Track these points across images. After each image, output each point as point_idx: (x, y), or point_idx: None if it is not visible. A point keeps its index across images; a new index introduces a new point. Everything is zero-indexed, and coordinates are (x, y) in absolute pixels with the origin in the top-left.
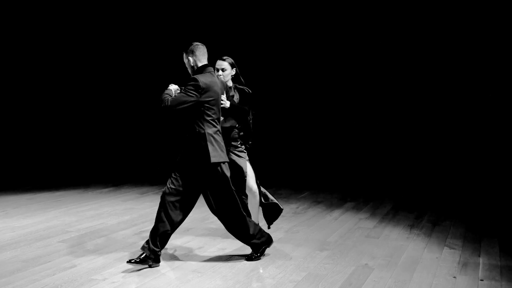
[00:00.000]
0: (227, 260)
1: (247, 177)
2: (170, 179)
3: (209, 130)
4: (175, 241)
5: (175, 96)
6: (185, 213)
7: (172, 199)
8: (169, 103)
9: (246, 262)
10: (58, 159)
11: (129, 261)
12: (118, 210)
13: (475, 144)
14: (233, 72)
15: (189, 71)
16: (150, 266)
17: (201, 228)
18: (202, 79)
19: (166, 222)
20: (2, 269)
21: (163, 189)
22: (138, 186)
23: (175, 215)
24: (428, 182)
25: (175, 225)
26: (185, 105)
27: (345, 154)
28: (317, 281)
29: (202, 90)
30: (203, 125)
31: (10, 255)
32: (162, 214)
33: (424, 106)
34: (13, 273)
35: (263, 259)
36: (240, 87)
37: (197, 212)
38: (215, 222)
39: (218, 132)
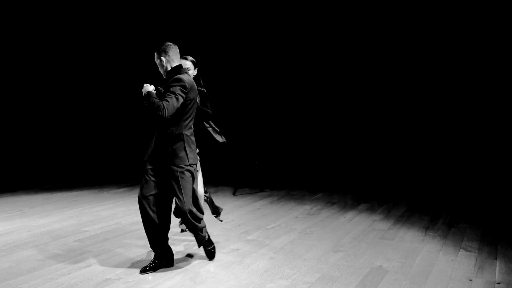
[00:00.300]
0: (241, 261)
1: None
2: (145, 181)
3: (186, 131)
4: (189, 242)
5: (167, 101)
6: (168, 212)
7: (151, 201)
8: (167, 111)
9: (260, 263)
10: (74, 159)
11: (143, 271)
12: (133, 210)
13: (492, 145)
14: (195, 72)
15: (161, 71)
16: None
17: (214, 229)
18: (185, 78)
19: (155, 226)
20: (19, 267)
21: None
22: None
23: (159, 216)
24: (443, 183)
25: (165, 225)
26: (177, 108)
27: (359, 155)
28: (331, 282)
29: (187, 90)
30: (180, 126)
31: (27, 254)
32: (148, 220)
33: (439, 107)
34: (29, 272)
35: (277, 260)
36: (199, 88)
37: (209, 213)
38: (229, 223)
39: (193, 133)
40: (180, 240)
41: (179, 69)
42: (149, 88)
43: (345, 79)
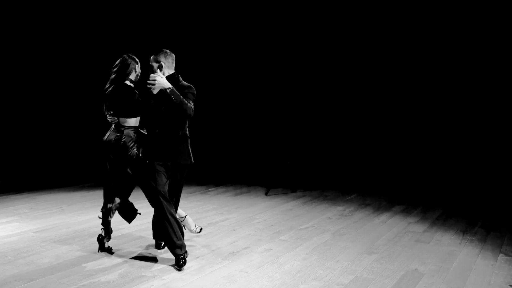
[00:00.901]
0: (274, 261)
1: None
2: (156, 178)
3: (188, 133)
4: (222, 241)
5: (190, 103)
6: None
7: (166, 194)
8: (192, 112)
9: (293, 263)
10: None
11: (179, 267)
12: None
13: None
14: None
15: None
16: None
17: (247, 229)
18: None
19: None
20: (58, 263)
21: (155, 190)
22: (186, 186)
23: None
24: (481, 186)
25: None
26: None
27: (394, 156)
28: (365, 285)
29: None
30: (185, 128)
31: (65, 250)
32: (172, 211)
33: (478, 108)
34: (68, 267)
35: (310, 261)
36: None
37: (243, 212)
38: (262, 223)
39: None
40: (217, 239)
41: (174, 76)
42: (162, 80)
43: (380, 79)
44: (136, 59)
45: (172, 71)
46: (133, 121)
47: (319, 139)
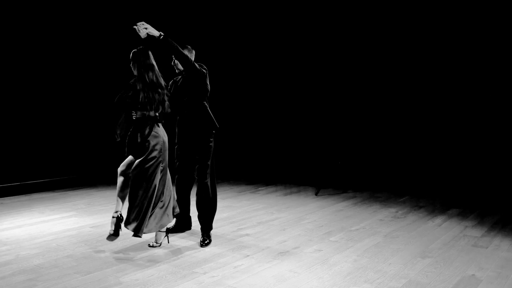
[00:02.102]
0: (324, 262)
1: None
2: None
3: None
4: (272, 240)
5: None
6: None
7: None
8: (194, 66)
9: (343, 265)
10: None
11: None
12: (217, 207)
13: None
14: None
15: (179, 66)
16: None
17: (297, 228)
18: None
19: None
20: (112, 257)
21: (206, 181)
22: (236, 185)
23: None
24: None
25: None
26: None
27: (449, 158)
28: None
29: None
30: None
31: (120, 245)
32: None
33: None
34: (122, 262)
35: (361, 263)
36: None
37: (293, 212)
38: (312, 223)
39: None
40: (266, 238)
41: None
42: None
43: (437, 77)
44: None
45: None
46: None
47: (371, 139)
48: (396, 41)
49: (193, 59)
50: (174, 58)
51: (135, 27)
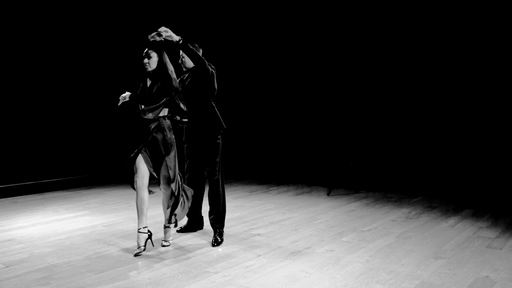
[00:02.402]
0: (336, 262)
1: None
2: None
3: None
4: (283, 240)
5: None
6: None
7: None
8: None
9: (355, 265)
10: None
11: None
12: (229, 207)
13: None
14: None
15: (187, 65)
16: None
17: (309, 229)
18: None
19: None
20: (126, 256)
21: (216, 177)
22: (247, 185)
23: None
24: None
25: None
26: None
27: (464, 160)
28: None
29: None
30: (213, 105)
31: (133, 244)
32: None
33: None
34: (135, 261)
35: (373, 263)
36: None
37: (305, 212)
38: (324, 223)
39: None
40: (278, 238)
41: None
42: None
43: (450, 76)
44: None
45: None
46: (166, 110)
47: (383, 139)
48: (413, 40)
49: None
50: (181, 57)
51: (154, 34)
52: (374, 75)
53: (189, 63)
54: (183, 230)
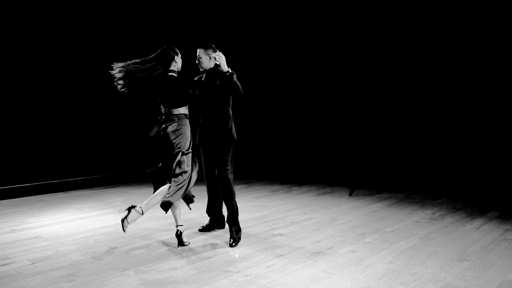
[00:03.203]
0: (358, 263)
1: None
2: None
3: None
4: (305, 240)
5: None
6: None
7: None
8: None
9: (378, 266)
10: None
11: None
12: (250, 206)
13: None
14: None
15: (203, 65)
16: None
17: (331, 229)
18: None
19: None
20: (148, 254)
21: (225, 174)
22: (269, 184)
23: None
24: None
25: None
26: None
27: (489, 161)
28: None
29: None
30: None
31: (155, 243)
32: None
33: None
34: (157, 259)
35: (396, 265)
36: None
37: (327, 212)
38: (346, 224)
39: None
40: (300, 238)
41: (218, 68)
42: (223, 60)
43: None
44: (176, 50)
45: (215, 62)
46: (182, 110)
47: (405, 139)
48: (434, 40)
49: None
50: (198, 57)
51: (216, 59)
52: (399, 75)
53: (206, 64)
54: (204, 229)
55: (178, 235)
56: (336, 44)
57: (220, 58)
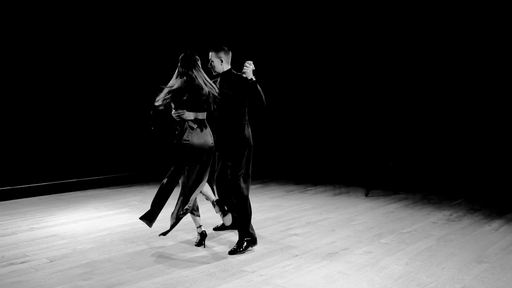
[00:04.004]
0: (374, 264)
1: None
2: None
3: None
4: (320, 240)
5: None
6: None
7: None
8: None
9: (394, 267)
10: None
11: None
12: (266, 206)
13: None
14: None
15: (216, 69)
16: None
17: (346, 230)
18: None
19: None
20: (165, 253)
21: (238, 182)
22: (284, 184)
23: None
24: None
25: None
26: None
27: (508, 161)
28: None
29: None
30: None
31: (171, 242)
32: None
33: None
34: (173, 259)
35: (413, 266)
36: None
37: (342, 212)
38: (362, 224)
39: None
40: (315, 238)
41: (231, 71)
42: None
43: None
44: (197, 56)
45: (229, 67)
46: (203, 115)
47: (422, 139)
48: (455, 41)
49: (229, 61)
50: (210, 61)
51: (245, 69)
52: (418, 76)
53: (219, 67)
54: (220, 228)
55: (204, 235)
56: (354, 46)
57: (247, 68)
